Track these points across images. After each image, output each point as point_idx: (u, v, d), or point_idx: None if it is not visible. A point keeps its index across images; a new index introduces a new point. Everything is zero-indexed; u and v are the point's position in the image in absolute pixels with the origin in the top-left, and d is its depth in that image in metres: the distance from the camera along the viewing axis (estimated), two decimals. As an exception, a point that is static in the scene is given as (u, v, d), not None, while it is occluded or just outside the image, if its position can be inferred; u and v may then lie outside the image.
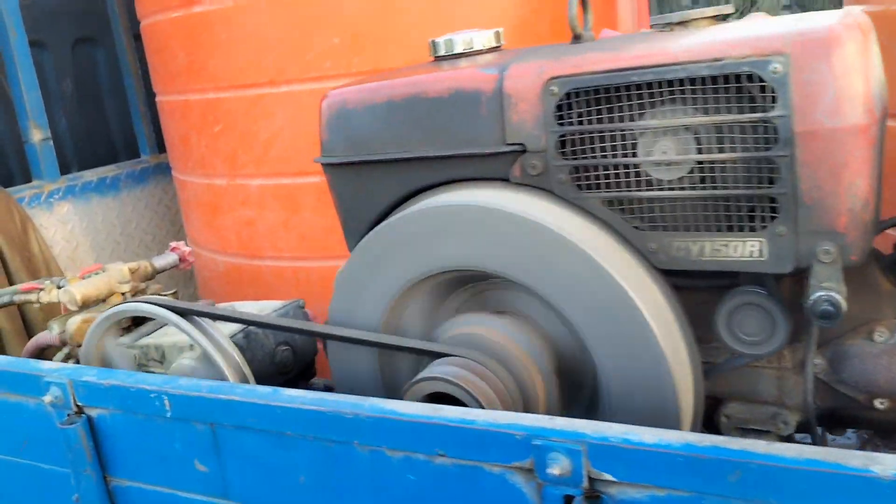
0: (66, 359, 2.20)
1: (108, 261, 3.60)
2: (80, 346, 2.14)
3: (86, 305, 2.14)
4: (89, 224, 3.51)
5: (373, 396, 1.28)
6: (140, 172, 3.76)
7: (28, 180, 3.38)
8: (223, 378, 1.72)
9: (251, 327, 1.88)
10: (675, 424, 1.30)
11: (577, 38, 1.51)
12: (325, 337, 1.69)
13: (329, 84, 2.18)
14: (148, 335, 1.96)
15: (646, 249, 1.36)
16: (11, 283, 2.99)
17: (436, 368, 1.44)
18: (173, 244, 2.48)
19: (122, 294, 2.25)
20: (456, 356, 1.47)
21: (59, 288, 2.19)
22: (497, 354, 1.46)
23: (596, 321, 1.33)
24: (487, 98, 1.43)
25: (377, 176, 1.62)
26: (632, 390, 1.32)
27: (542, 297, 1.37)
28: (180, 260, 2.45)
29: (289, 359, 2.00)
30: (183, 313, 1.78)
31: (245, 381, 1.76)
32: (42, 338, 2.37)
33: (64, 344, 2.25)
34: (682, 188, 1.30)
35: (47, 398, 1.59)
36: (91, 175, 3.54)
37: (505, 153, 1.43)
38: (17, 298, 2.24)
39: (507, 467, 1.12)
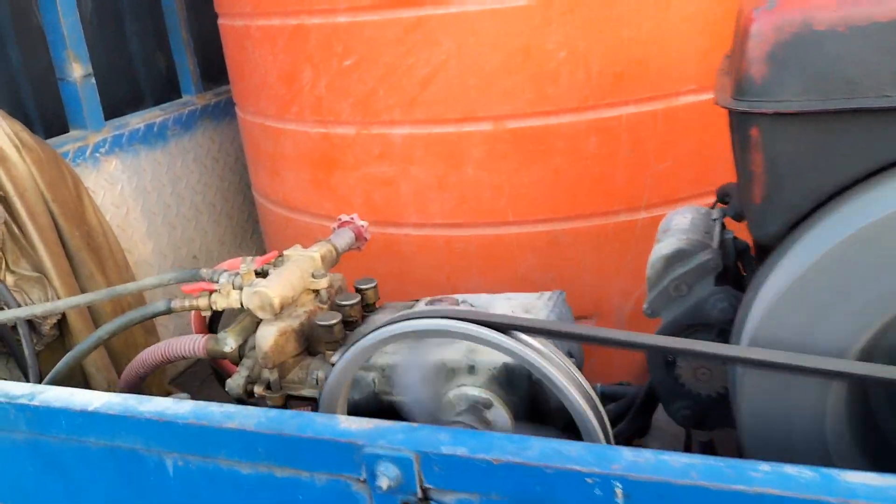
0: (247, 387, 1.61)
1: (158, 230, 2.94)
2: (274, 366, 1.57)
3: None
4: (139, 184, 2.81)
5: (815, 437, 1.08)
6: (187, 117, 3.05)
7: (58, 130, 2.64)
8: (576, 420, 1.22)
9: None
10: None
11: None
12: (766, 366, 1.17)
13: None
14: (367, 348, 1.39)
15: None
16: (75, 268, 2.31)
17: None
18: (344, 217, 1.89)
19: (316, 292, 1.66)
20: None
21: (237, 289, 1.59)
22: None
23: None
24: None
25: (856, 132, 1.10)
26: None
27: None
28: (356, 237, 1.87)
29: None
30: (502, 329, 1.24)
31: (602, 423, 1.25)
32: (175, 347, 1.76)
33: (237, 362, 1.67)
34: None
35: (382, 482, 1.04)
36: (137, 121, 2.82)
37: None
38: (177, 306, 1.62)
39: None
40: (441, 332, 1.26)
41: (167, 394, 2.71)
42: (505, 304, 1.63)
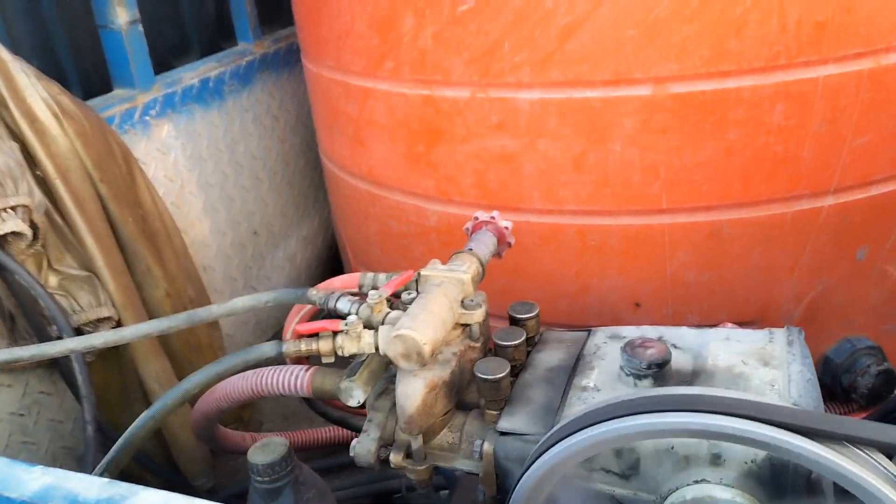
0: (380, 453, 1.22)
1: (215, 204, 2.52)
2: (420, 432, 1.17)
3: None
4: (194, 152, 2.38)
5: None
6: (245, 69, 2.59)
7: (98, 90, 2.20)
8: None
9: None
10: None
11: None
12: None
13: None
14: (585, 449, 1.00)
15: None
16: (129, 262, 1.91)
17: None
18: (481, 216, 1.46)
19: (466, 326, 1.25)
20: None
21: (369, 328, 1.18)
22: None
23: None
24: None
25: None
26: None
27: None
28: (498, 241, 1.45)
29: None
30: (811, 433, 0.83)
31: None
32: (271, 382, 1.37)
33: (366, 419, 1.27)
34: None
35: None
36: (191, 76, 2.37)
37: None
38: (290, 350, 1.22)
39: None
40: (724, 434, 0.85)
41: (240, 422, 2.34)
42: (725, 350, 1.21)
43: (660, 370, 1.14)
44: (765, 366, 1.15)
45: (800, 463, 0.84)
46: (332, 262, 3.20)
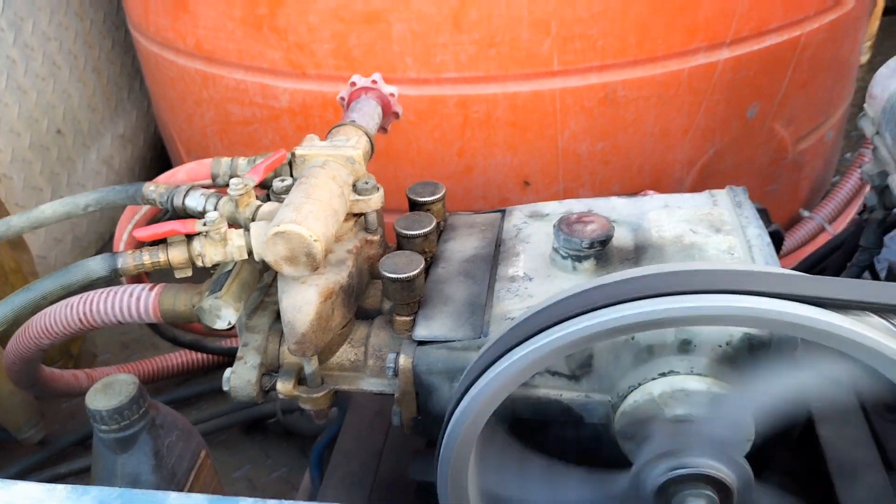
0: (263, 383, 0.96)
1: (2, 99, 1.94)
2: (315, 353, 0.91)
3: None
4: (-38, 29, 1.85)
5: None
6: (20, -76, 2.03)
7: None
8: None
9: None
10: None
11: None
12: None
13: None
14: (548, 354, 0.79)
15: None
16: None
17: None
18: (360, 80, 1.18)
19: (359, 216, 0.99)
20: None
21: (238, 225, 0.89)
22: None
23: None
24: None
25: None
26: None
27: None
28: (383, 110, 1.18)
29: None
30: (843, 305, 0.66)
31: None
32: (106, 308, 1.06)
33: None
34: None
35: None
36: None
37: None
38: (128, 264, 0.89)
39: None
40: (746, 317, 0.66)
41: (68, 357, 1.94)
42: (668, 218, 1.02)
43: (602, 248, 0.95)
44: (717, 232, 0.99)
45: (825, 343, 0.67)
46: (159, 164, 2.76)
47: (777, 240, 1.84)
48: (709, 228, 1.00)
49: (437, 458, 0.82)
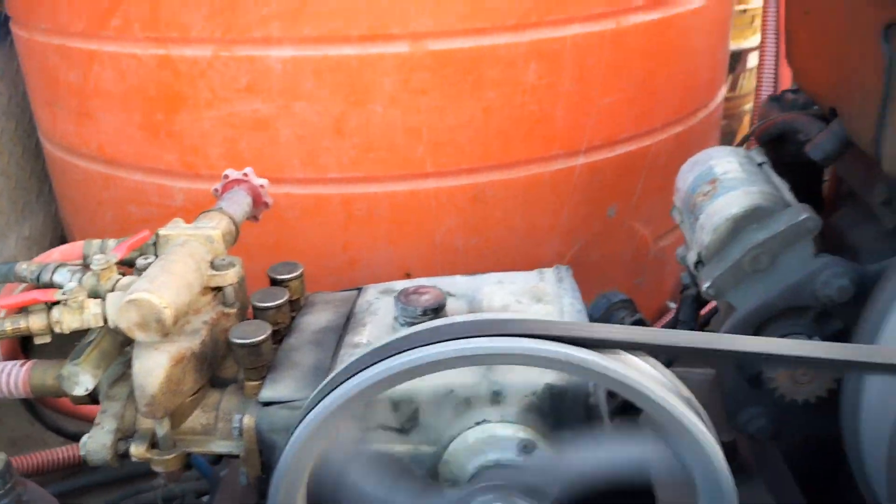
0: (118, 448, 1.02)
1: None
2: (165, 415, 0.99)
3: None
4: None
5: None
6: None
7: None
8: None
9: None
10: None
11: None
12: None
13: None
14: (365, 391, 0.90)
15: None
16: None
17: None
18: (232, 174, 1.30)
19: (217, 290, 1.09)
20: None
21: (95, 296, 0.98)
22: None
23: None
24: None
25: None
26: None
27: None
28: (254, 201, 1.30)
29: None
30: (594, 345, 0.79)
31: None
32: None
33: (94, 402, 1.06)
34: None
35: None
36: None
37: None
38: (-11, 329, 0.96)
39: None
40: (511, 356, 0.78)
41: None
42: (500, 291, 1.16)
43: (436, 315, 1.07)
44: (538, 302, 1.12)
45: (577, 376, 0.79)
46: (66, 266, 2.79)
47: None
48: (531, 299, 1.13)
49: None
